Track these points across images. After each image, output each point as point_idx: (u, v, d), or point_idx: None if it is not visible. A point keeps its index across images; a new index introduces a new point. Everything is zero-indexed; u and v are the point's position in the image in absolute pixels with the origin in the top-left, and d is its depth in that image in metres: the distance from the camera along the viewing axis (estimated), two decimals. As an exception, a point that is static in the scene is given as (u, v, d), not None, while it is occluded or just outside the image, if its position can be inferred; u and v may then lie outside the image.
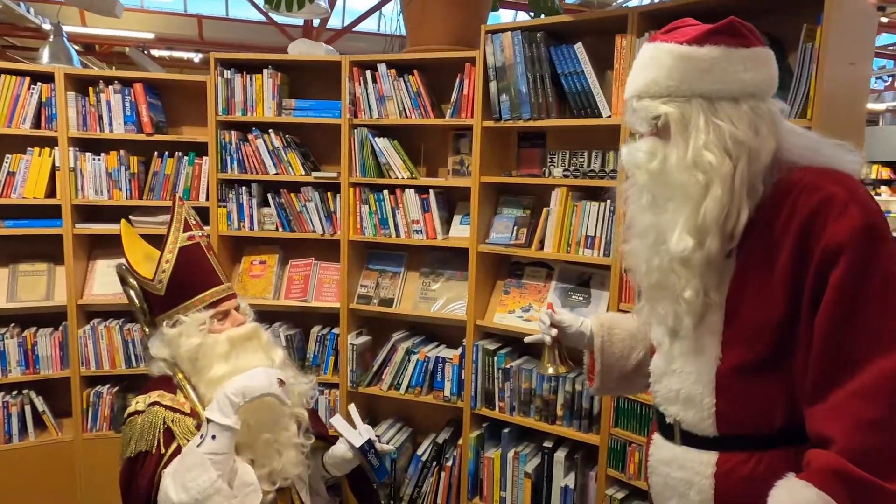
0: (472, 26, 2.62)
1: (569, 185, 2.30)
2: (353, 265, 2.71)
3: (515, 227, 2.45)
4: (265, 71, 2.61)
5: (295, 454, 1.53)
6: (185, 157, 2.69)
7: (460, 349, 2.57)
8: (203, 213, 2.67)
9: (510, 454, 2.48)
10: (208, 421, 1.34)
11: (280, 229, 2.71)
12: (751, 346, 1.03)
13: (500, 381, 2.48)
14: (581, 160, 2.34)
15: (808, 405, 0.96)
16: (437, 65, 2.53)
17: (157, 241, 1.61)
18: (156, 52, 8.79)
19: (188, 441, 1.38)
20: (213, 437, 1.32)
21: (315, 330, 2.77)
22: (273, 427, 1.50)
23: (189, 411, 1.46)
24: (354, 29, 8.22)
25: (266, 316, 2.80)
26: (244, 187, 2.69)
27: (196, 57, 9.08)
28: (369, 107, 2.56)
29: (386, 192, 2.60)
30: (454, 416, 2.78)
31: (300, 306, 2.75)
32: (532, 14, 2.65)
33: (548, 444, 2.44)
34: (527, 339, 1.46)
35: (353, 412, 1.65)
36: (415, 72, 2.51)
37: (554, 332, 1.34)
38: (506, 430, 2.52)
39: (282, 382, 1.40)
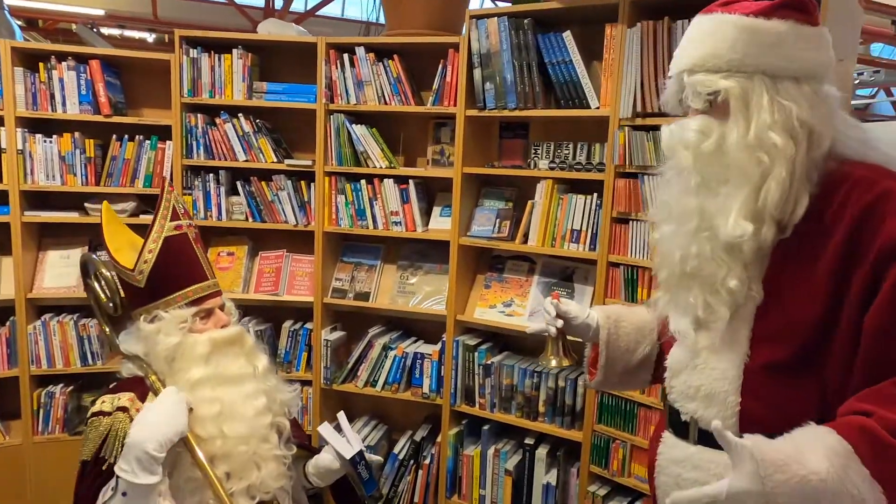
0: (453, 10, 2.54)
1: (555, 178, 2.24)
2: (327, 257, 2.60)
3: (498, 220, 2.39)
4: (235, 51, 2.46)
5: (276, 466, 1.43)
6: (147, 142, 2.51)
7: (440, 345, 2.49)
8: (166, 202, 2.51)
9: (490, 451, 2.42)
10: (117, 477, 1.20)
11: (250, 219, 2.57)
12: (784, 344, 0.97)
13: (481, 378, 2.42)
14: (566, 152, 2.28)
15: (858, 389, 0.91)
16: (419, 50, 2.44)
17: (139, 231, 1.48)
18: (106, 31, 8.34)
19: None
20: (124, 493, 1.19)
21: (287, 325, 2.65)
22: (250, 439, 1.40)
23: None
24: (318, 13, 7.99)
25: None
26: (211, 174, 2.54)
27: (150, 37, 8.65)
28: (346, 92, 2.45)
29: (364, 181, 2.49)
30: (431, 412, 2.71)
31: (271, 300, 2.63)
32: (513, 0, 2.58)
33: (529, 440, 2.40)
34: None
35: (343, 420, 1.56)
36: (395, 56, 2.40)
37: (560, 322, 1.26)
38: (486, 427, 2.47)
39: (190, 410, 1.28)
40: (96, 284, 1.49)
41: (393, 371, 2.54)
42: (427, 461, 2.56)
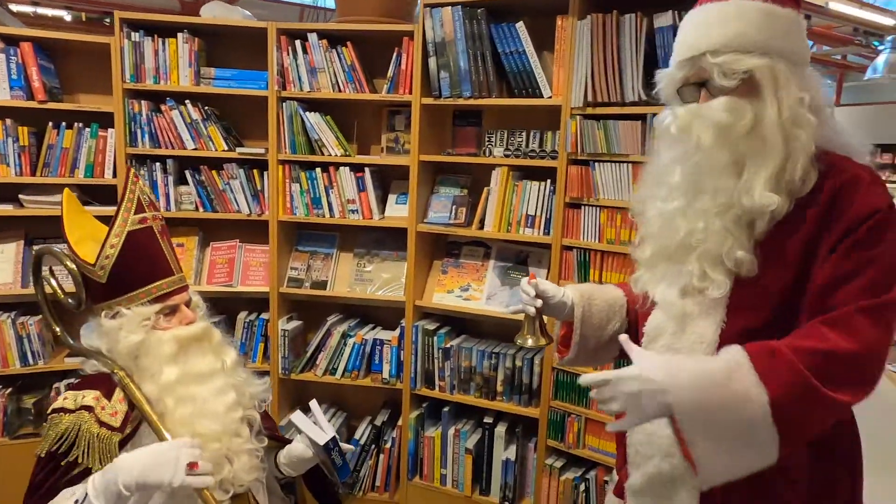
0: (404, -2, 2.54)
1: (510, 165, 2.31)
2: (282, 247, 2.57)
3: (454, 207, 2.44)
4: (180, 35, 2.38)
5: (248, 459, 1.42)
6: (87, 129, 2.39)
7: (398, 330, 2.53)
8: (109, 192, 2.42)
9: (451, 432, 2.50)
10: (85, 495, 1.17)
11: (200, 209, 2.51)
12: (758, 311, 1.05)
13: (440, 361, 2.48)
14: (519, 140, 2.36)
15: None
16: (372, 37, 2.43)
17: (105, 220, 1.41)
18: (16, 7, 7.73)
19: (101, 465, 1.24)
20: None
21: (242, 316, 2.62)
22: (222, 436, 1.39)
23: (119, 424, 1.31)
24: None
25: (185, 303, 2.61)
26: (158, 163, 2.46)
27: (66, 15, 8.08)
28: (299, 79, 2.42)
29: (319, 170, 2.48)
30: (389, 397, 2.75)
31: (225, 291, 2.58)
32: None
33: (488, 419, 2.48)
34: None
35: (315, 408, 1.56)
36: (348, 43, 2.39)
37: (539, 302, 1.30)
38: (446, 409, 2.54)
39: (193, 465, 1.20)
40: (53, 281, 1.44)
41: (353, 358, 2.56)
42: (388, 445, 2.60)
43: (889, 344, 0.97)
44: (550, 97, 2.20)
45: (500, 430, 2.45)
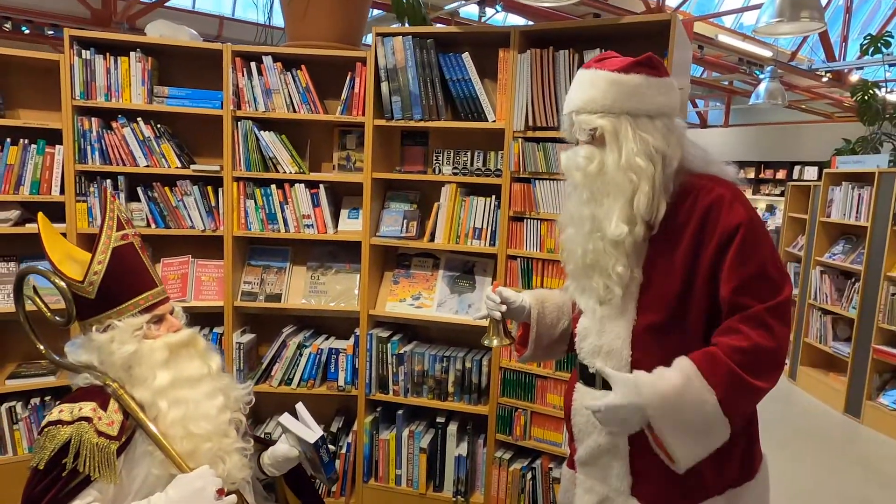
0: (355, 25, 2.70)
1: (458, 182, 2.52)
2: (235, 261, 2.63)
3: (405, 221, 2.61)
4: (133, 54, 2.40)
5: (238, 458, 1.52)
6: (33, 146, 2.36)
7: (352, 339, 2.65)
8: (57, 209, 2.39)
9: (405, 433, 2.64)
10: None
11: (153, 225, 2.53)
12: (658, 311, 1.31)
13: (394, 366, 2.63)
14: (465, 159, 2.57)
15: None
16: (326, 61, 2.57)
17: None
18: None
19: (100, 472, 1.32)
20: None
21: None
22: (213, 436, 1.48)
23: (115, 433, 1.37)
24: (167, 4, 7.54)
25: (135, 319, 2.60)
26: (109, 180, 2.46)
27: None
28: (255, 99, 2.51)
29: (274, 186, 2.57)
30: (342, 405, 2.86)
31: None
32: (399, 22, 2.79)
33: (440, 419, 2.65)
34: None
35: (302, 409, 1.67)
36: (302, 66, 2.51)
37: (504, 308, 1.53)
38: (400, 412, 2.68)
39: (220, 492, 1.34)
40: (38, 299, 1.47)
41: (308, 367, 2.65)
42: (343, 451, 2.71)
43: (790, 334, 1.28)
44: (494, 121, 2.42)
45: (452, 428, 2.62)
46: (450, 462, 2.62)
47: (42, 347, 1.49)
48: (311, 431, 1.59)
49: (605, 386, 1.35)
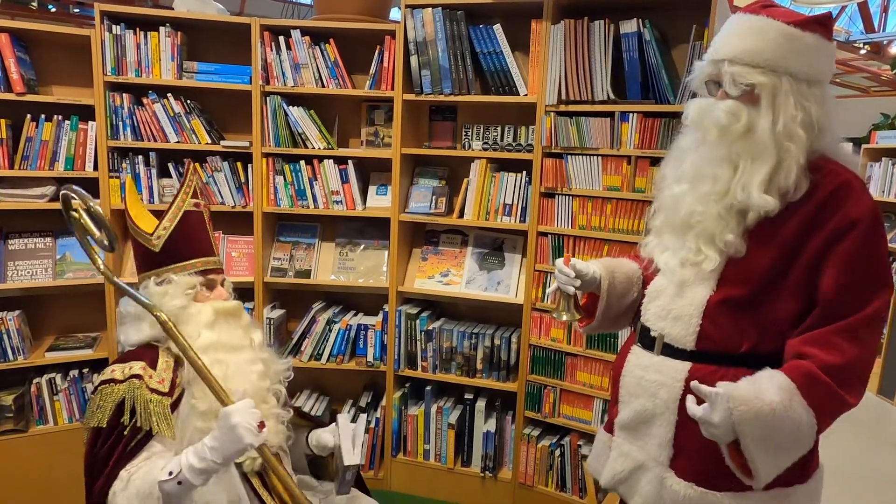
0: (382, -2, 2.65)
1: (488, 158, 2.48)
2: (265, 237, 2.64)
3: (434, 197, 2.59)
4: (162, 29, 2.40)
5: (274, 423, 1.55)
6: (67, 122, 2.38)
7: (381, 315, 2.66)
8: (92, 185, 2.42)
9: (433, 409, 2.65)
10: (180, 468, 1.28)
11: (184, 202, 2.54)
12: (741, 285, 1.24)
13: (423, 343, 2.63)
14: (495, 134, 2.53)
15: (798, 336, 1.20)
16: (354, 35, 2.53)
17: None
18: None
19: (158, 426, 1.36)
20: (180, 483, 1.28)
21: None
22: (252, 398, 1.50)
23: (167, 389, 1.41)
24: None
25: (168, 294, 2.64)
26: (140, 156, 2.47)
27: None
28: (283, 74, 2.49)
29: (303, 162, 2.56)
30: (370, 380, 2.88)
31: (209, 282, 2.62)
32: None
33: (469, 395, 2.66)
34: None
35: (360, 430, 1.61)
36: (331, 40, 2.48)
37: (579, 282, 1.44)
38: (428, 388, 2.69)
39: (261, 426, 1.32)
40: (87, 218, 1.39)
41: (338, 343, 2.66)
42: (373, 425, 2.73)
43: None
44: (526, 95, 2.37)
45: (481, 404, 2.63)
46: (478, 438, 2.63)
47: (101, 264, 1.43)
48: (353, 455, 1.55)
49: (666, 353, 1.34)
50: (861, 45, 8.37)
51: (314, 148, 2.55)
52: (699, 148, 1.30)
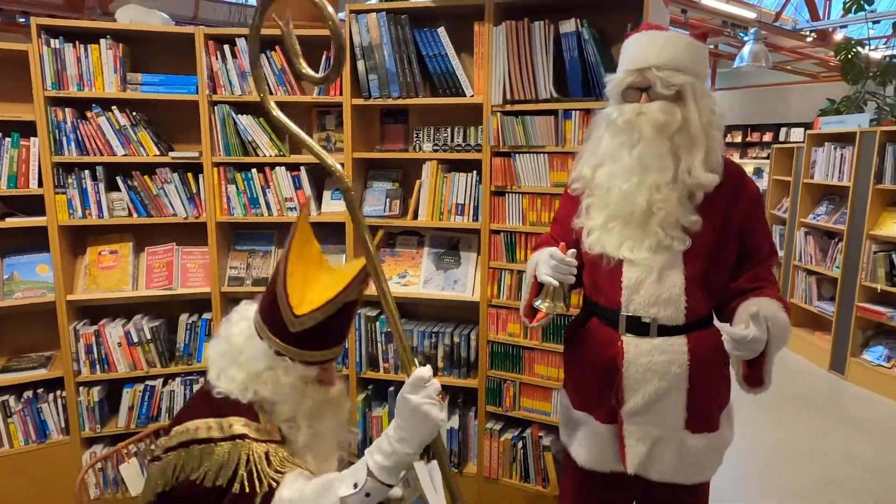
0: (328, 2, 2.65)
1: (439, 159, 2.51)
2: (220, 247, 2.63)
3: (388, 200, 2.61)
4: (102, 41, 2.37)
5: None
6: (7, 139, 2.33)
7: (341, 319, 2.67)
8: (37, 202, 2.38)
9: (397, 409, 2.68)
10: (369, 473, 1.12)
11: (134, 214, 2.52)
12: (701, 260, 1.47)
13: (384, 344, 2.66)
14: (445, 135, 2.56)
15: (739, 278, 1.53)
16: (300, 41, 2.51)
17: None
18: None
19: (283, 473, 1.18)
20: (368, 494, 1.12)
21: (183, 318, 2.65)
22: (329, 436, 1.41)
23: (280, 437, 1.28)
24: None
25: (123, 309, 2.62)
26: (87, 171, 2.44)
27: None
28: (230, 83, 2.48)
29: (255, 170, 2.56)
30: (335, 384, 2.88)
31: (164, 295, 2.60)
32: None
33: (431, 394, 2.69)
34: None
35: (437, 475, 1.36)
36: (277, 48, 2.48)
37: (575, 271, 1.49)
38: (391, 389, 2.72)
39: (442, 397, 1.22)
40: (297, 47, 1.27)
41: (299, 349, 2.67)
42: (338, 428, 2.75)
43: None
44: (472, 96, 2.41)
45: (444, 402, 2.66)
46: (442, 434, 2.66)
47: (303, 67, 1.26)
48: (437, 498, 1.34)
49: (662, 333, 1.47)
50: (807, 33, 8.64)
51: (265, 155, 2.55)
52: (636, 147, 1.44)
